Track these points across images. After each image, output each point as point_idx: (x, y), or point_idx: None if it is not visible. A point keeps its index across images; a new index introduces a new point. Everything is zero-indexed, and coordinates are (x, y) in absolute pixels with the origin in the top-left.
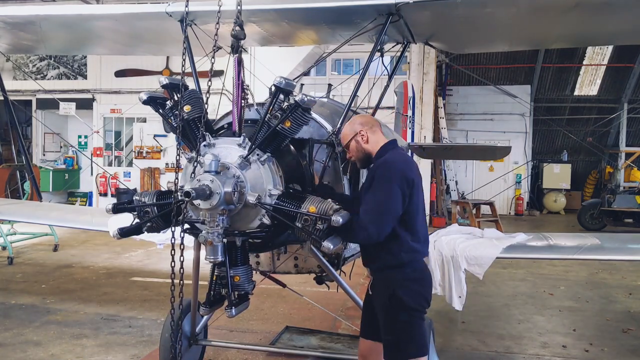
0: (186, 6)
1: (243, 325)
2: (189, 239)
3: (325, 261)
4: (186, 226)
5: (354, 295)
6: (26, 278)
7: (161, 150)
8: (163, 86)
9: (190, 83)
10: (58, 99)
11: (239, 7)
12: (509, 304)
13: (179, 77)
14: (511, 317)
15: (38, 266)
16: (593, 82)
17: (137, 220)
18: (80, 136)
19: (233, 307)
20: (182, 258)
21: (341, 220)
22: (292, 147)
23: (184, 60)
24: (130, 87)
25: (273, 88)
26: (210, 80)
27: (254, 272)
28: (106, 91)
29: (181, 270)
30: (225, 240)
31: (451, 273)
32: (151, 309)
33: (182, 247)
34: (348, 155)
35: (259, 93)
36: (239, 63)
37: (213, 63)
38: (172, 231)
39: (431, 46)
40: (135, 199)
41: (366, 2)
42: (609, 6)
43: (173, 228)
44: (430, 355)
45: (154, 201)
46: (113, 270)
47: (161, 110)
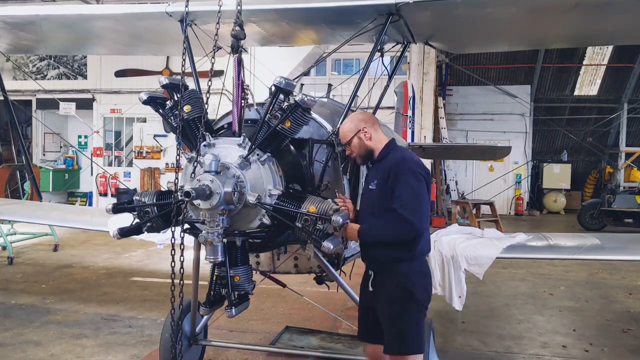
0: (186, 6)
1: (243, 325)
2: (189, 239)
3: (325, 261)
4: (186, 226)
5: (354, 295)
6: (26, 278)
7: (161, 150)
8: (163, 86)
9: (190, 83)
10: (58, 99)
11: (239, 7)
12: (509, 304)
13: (179, 77)
14: (511, 317)
15: (38, 266)
16: (593, 82)
17: (137, 220)
18: (80, 136)
19: (233, 307)
20: (182, 258)
21: (341, 220)
22: (292, 147)
23: (184, 60)
24: (130, 87)
25: (273, 88)
26: (210, 80)
27: (254, 272)
28: (106, 91)
29: (181, 270)
30: (225, 240)
31: (451, 273)
32: (151, 309)
33: (182, 247)
34: (348, 151)
35: (259, 93)
36: (239, 63)
37: (213, 63)
38: (172, 231)
39: (431, 46)
40: (135, 199)
41: (366, 2)
42: (609, 6)
43: (173, 228)
44: (430, 355)
45: (154, 201)
46: (113, 270)
47: (161, 110)
